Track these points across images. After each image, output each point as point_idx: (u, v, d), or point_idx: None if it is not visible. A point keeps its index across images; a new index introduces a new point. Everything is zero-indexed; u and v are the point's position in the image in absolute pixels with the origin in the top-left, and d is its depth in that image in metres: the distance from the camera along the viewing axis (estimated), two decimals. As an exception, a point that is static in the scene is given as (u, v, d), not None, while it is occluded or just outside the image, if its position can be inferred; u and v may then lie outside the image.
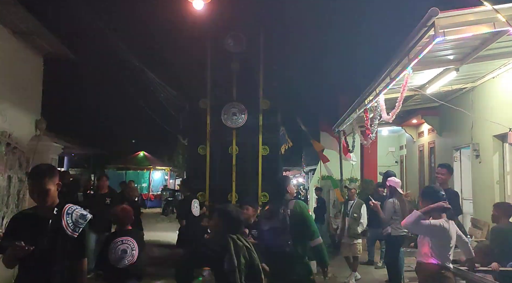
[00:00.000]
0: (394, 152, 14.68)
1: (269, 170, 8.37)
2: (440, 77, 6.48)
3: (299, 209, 4.07)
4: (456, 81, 7.13)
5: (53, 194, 2.72)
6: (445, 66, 6.05)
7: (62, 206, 2.77)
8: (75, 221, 2.74)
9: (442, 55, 5.78)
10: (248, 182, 8.34)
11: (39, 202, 2.72)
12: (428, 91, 7.11)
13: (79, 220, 2.75)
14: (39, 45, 7.27)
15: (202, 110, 8.51)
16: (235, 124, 8.43)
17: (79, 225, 2.74)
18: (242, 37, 8.42)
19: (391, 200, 5.85)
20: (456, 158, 8.70)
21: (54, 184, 2.74)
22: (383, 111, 6.20)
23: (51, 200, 2.72)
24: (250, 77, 8.54)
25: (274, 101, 8.56)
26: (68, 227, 2.70)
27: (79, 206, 2.89)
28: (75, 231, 2.72)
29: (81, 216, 2.78)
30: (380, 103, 6.36)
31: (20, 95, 7.10)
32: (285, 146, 10.38)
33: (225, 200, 8.17)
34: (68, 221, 2.71)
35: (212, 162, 8.40)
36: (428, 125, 10.10)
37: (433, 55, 5.61)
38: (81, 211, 2.81)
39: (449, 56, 5.84)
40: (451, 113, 8.50)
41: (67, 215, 2.73)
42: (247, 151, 8.46)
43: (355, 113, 8.65)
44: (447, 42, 5.17)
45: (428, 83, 7.01)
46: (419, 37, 4.43)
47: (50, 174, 2.75)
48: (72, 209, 2.78)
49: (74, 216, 2.75)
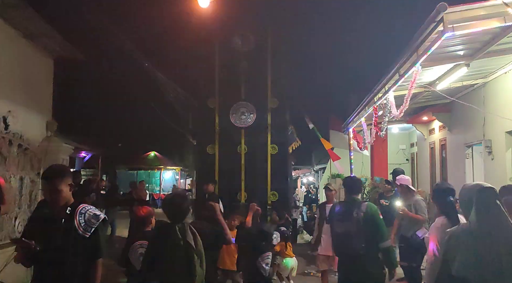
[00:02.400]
0: (405, 149, 14.53)
1: (278, 169, 8.36)
2: (450, 73, 6.39)
3: (372, 211, 4.05)
4: (467, 77, 7.03)
5: (66, 194, 2.74)
6: (455, 61, 5.96)
7: (76, 206, 2.78)
8: (88, 221, 2.74)
9: (451, 50, 5.70)
10: (257, 181, 8.33)
11: (52, 202, 2.75)
12: (438, 88, 7.00)
13: (91, 220, 2.76)
14: (50, 47, 7.35)
15: (211, 109, 8.53)
16: (243, 123, 8.44)
17: (92, 225, 2.75)
18: (250, 36, 8.42)
19: (419, 196, 5.73)
20: (468, 155, 8.56)
21: (67, 185, 2.76)
22: (393, 107, 6.13)
23: (64, 200, 2.74)
24: (258, 76, 8.54)
25: (282, 99, 8.54)
26: (80, 226, 2.71)
27: (93, 207, 2.91)
28: (87, 230, 2.72)
29: (94, 216, 2.79)
30: (389, 99, 6.29)
31: (31, 97, 7.20)
32: (294, 145, 10.34)
33: (234, 199, 8.19)
34: (80, 221, 2.73)
35: (221, 161, 8.42)
36: (439, 122, 9.98)
37: (442, 51, 5.53)
38: (94, 211, 2.82)
39: (459, 52, 5.75)
40: (462, 110, 8.38)
41: (80, 215, 2.74)
42: (256, 150, 8.46)
43: (364, 111, 8.60)
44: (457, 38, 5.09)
45: (438, 80, 6.91)
46: (427, 33, 4.37)
47: (63, 175, 2.78)
48: (85, 209, 2.79)
49: (87, 216, 2.76)
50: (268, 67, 8.53)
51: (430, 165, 11.06)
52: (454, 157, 9.25)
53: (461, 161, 8.74)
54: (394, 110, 6.05)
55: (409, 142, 14.40)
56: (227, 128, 8.45)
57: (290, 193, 9.58)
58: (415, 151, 13.63)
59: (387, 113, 6.75)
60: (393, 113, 6.01)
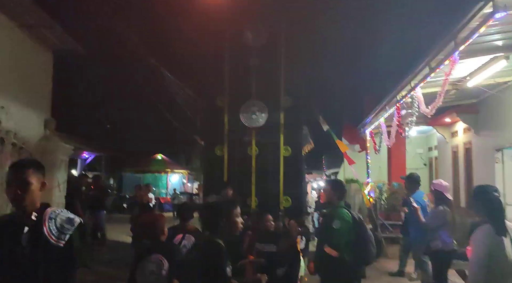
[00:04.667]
0: (422, 154, 13.89)
1: (292, 173, 7.79)
2: (484, 68, 5.77)
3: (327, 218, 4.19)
4: (502, 73, 6.39)
5: (35, 192, 2.22)
6: (493, 54, 5.35)
7: (43, 210, 2.27)
8: (60, 227, 2.25)
9: (488, 41, 5.09)
10: (269, 186, 7.75)
11: (17, 200, 2.18)
12: (470, 85, 6.39)
13: (64, 225, 2.26)
14: (48, 39, 6.90)
15: (219, 108, 7.99)
16: (254, 123, 7.88)
17: (65, 231, 2.25)
18: (262, 30, 7.87)
19: (441, 207, 5.09)
20: (498, 159, 7.92)
21: (39, 181, 2.24)
22: (421, 104, 5.54)
23: (31, 200, 2.20)
24: (270, 72, 7.99)
25: (296, 98, 7.97)
26: (52, 234, 2.22)
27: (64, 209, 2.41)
28: (60, 238, 2.23)
29: (68, 220, 2.29)
30: (417, 96, 5.70)
31: (28, 92, 6.74)
32: (307, 147, 9.76)
33: (244, 205, 7.61)
34: (51, 227, 2.23)
35: (230, 163, 7.86)
36: (463, 124, 9.34)
37: (478, 40, 4.93)
38: (67, 215, 2.31)
39: (497, 42, 5.14)
40: (491, 110, 7.77)
41: (50, 220, 2.25)
42: (268, 152, 7.90)
43: (384, 111, 8.02)
44: (497, 25, 4.50)
45: (470, 76, 6.29)
46: (471, 16, 3.78)
47: (36, 167, 2.27)
48: (55, 213, 2.28)
49: (59, 220, 2.26)
50: (281, 64, 7.98)
51: (453, 170, 10.39)
52: (481, 162, 8.60)
53: (489, 166, 8.09)
54: (424, 107, 5.45)
55: (427, 146, 13.76)
56: (237, 128, 7.89)
57: (304, 199, 8.99)
58: (433, 156, 12.98)
59: (414, 112, 6.16)
60: (423, 110, 5.40)
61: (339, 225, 3.80)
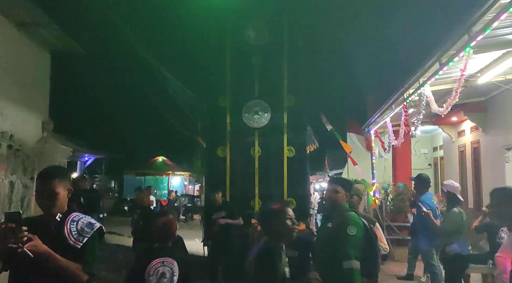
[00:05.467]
0: (427, 154, 13.68)
1: (296, 174, 7.58)
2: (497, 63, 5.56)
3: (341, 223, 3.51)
4: (511, 70, 6.19)
5: (62, 200, 2.39)
6: (505, 48, 5.15)
7: (68, 213, 2.44)
8: (80, 230, 2.38)
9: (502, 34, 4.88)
10: (273, 187, 7.54)
11: (45, 207, 2.38)
12: (480, 81, 6.18)
13: (85, 228, 2.40)
14: (45, 38, 6.71)
15: (221, 108, 7.79)
16: (257, 123, 7.69)
17: (85, 234, 2.39)
18: (264, 28, 7.68)
19: (456, 209, 4.86)
20: (508, 159, 7.72)
21: (65, 189, 2.42)
22: (432, 102, 5.33)
23: (59, 207, 2.38)
24: (273, 71, 7.79)
25: (300, 97, 7.76)
26: (71, 235, 2.36)
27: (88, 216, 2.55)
28: (78, 240, 2.36)
29: (88, 224, 2.43)
30: (427, 94, 5.49)
31: (25, 93, 6.55)
32: (311, 147, 9.56)
33: (247, 207, 7.42)
34: (71, 229, 2.38)
35: (232, 165, 7.66)
36: (470, 123, 9.13)
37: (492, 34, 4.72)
38: (89, 220, 2.47)
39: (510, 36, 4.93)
40: (501, 108, 7.56)
41: (72, 222, 2.40)
42: (271, 153, 7.69)
43: (390, 110, 7.82)
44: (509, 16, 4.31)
45: (480, 72, 6.08)
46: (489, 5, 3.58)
47: (62, 176, 2.45)
48: (79, 217, 2.44)
49: (80, 224, 2.41)
50: (284, 62, 7.78)
51: (460, 170, 10.17)
52: (490, 162, 8.39)
53: (499, 166, 7.89)
54: (435, 106, 5.23)
55: (432, 145, 13.55)
56: (239, 128, 7.69)
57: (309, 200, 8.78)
58: (438, 156, 12.77)
59: (421, 110, 5.95)
60: (435, 109, 5.18)
61: (354, 232, 3.22)
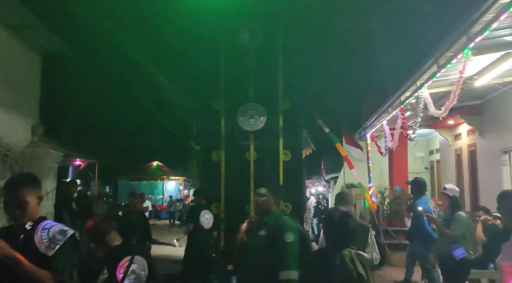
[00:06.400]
0: (423, 157, 13.62)
1: (292, 178, 7.46)
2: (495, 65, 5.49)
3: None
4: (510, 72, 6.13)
5: (32, 208, 2.33)
6: (504, 50, 5.08)
7: (39, 221, 2.38)
8: (52, 237, 2.31)
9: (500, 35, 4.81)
10: (268, 191, 7.40)
11: (14, 217, 2.31)
12: (477, 84, 6.11)
13: (57, 236, 2.33)
14: (35, 40, 6.59)
15: (215, 112, 7.66)
16: (252, 127, 7.56)
17: (56, 241, 2.31)
18: (259, 30, 7.57)
19: (463, 213, 4.73)
20: (505, 162, 7.65)
21: (35, 197, 2.36)
22: (430, 105, 5.24)
23: (29, 215, 2.32)
24: (268, 74, 7.67)
25: (295, 100, 7.66)
26: (42, 243, 2.29)
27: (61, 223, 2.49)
28: (50, 248, 2.28)
29: (61, 231, 2.36)
30: (424, 96, 5.41)
31: (14, 97, 6.40)
32: (307, 151, 9.45)
33: (242, 212, 7.28)
34: (42, 237, 2.31)
35: (227, 169, 7.53)
36: (467, 126, 9.06)
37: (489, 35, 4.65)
38: (61, 227, 2.40)
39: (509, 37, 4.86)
40: (497, 111, 7.50)
41: (43, 230, 2.34)
42: (266, 156, 7.56)
43: (387, 113, 7.73)
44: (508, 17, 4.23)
45: (478, 74, 6.02)
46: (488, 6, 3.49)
47: (31, 184, 2.38)
48: (50, 224, 2.38)
49: (52, 231, 2.34)
50: (279, 65, 7.68)
51: (457, 174, 10.09)
52: (487, 165, 8.32)
53: (496, 169, 7.81)
54: (433, 108, 5.13)
55: (428, 149, 13.49)
56: (234, 132, 7.56)
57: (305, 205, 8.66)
58: (435, 159, 12.71)
59: (419, 113, 5.87)
60: (433, 112, 5.08)
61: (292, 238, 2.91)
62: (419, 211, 5.52)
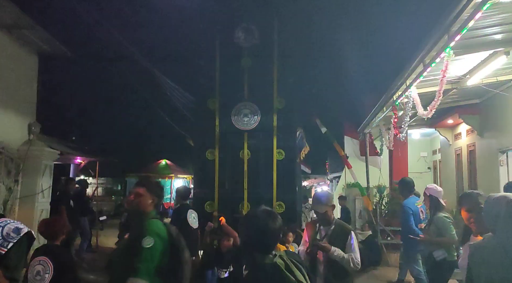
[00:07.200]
0: (426, 157, 13.47)
1: (285, 177, 7.46)
2: (484, 65, 5.42)
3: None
4: (503, 71, 6.04)
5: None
6: (492, 49, 5.01)
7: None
8: (6, 235, 2.40)
9: (487, 34, 4.75)
10: (262, 191, 7.44)
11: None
12: (469, 83, 6.04)
13: (11, 233, 2.41)
14: (31, 41, 6.71)
15: (210, 111, 7.71)
16: (246, 126, 7.59)
17: (10, 239, 2.40)
18: (254, 29, 7.59)
19: (443, 214, 4.66)
20: (503, 162, 7.53)
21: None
22: (418, 105, 5.19)
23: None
24: (263, 73, 7.68)
25: (290, 99, 7.66)
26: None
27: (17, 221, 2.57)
28: (3, 246, 2.37)
29: (15, 230, 2.45)
30: (413, 96, 5.36)
31: (10, 95, 6.54)
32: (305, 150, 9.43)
33: (236, 211, 7.32)
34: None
35: (221, 168, 7.57)
36: (466, 125, 8.94)
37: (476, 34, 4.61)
38: (16, 225, 2.48)
39: (496, 36, 4.80)
40: (495, 111, 7.39)
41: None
42: (260, 155, 7.58)
43: (382, 112, 7.68)
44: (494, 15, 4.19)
45: (469, 73, 5.94)
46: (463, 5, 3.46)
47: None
48: (5, 223, 2.45)
49: (6, 229, 2.42)
50: (274, 64, 7.68)
51: (456, 173, 9.97)
52: (485, 165, 8.20)
53: (494, 169, 7.70)
54: (421, 109, 5.09)
55: (431, 149, 13.34)
56: (228, 131, 7.60)
57: (299, 204, 8.63)
58: (437, 159, 12.57)
59: (408, 112, 5.82)
60: (420, 113, 5.04)
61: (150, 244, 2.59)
62: (405, 210, 5.50)
